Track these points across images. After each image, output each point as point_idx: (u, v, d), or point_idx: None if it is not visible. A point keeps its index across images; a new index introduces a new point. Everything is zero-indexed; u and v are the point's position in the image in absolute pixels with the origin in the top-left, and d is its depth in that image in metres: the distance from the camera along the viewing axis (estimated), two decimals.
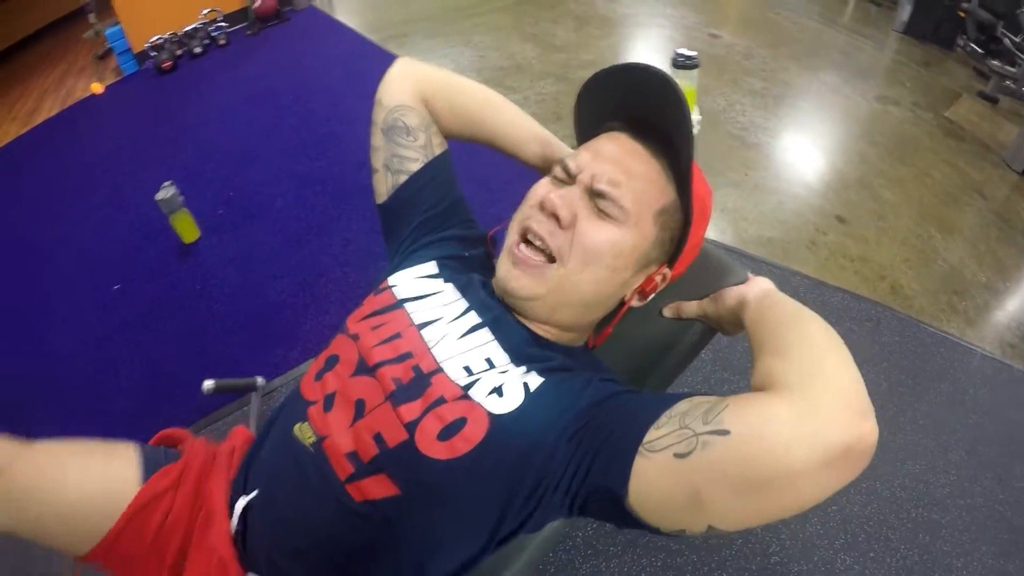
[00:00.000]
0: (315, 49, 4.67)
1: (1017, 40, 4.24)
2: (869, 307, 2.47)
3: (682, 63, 2.68)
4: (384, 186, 1.11)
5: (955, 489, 1.91)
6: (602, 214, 0.87)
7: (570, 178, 0.90)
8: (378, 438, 0.81)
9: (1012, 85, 4.24)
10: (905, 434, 2.04)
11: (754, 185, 3.18)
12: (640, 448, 0.70)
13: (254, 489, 0.90)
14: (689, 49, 2.77)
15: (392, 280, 1.01)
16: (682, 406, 0.72)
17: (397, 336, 0.91)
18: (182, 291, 2.57)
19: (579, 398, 0.81)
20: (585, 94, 1.00)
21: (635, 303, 0.97)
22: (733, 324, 0.98)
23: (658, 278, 0.95)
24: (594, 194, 0.87)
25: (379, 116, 1.11)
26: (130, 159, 3.54)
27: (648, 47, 4.70)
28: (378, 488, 0.79)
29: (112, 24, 4.53)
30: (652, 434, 0.71)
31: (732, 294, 0.98)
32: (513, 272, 0.90)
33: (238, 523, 0.89)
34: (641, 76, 0.88)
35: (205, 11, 4.67)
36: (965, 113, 4.10)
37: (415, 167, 1.09)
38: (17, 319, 2.56)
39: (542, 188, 0.92)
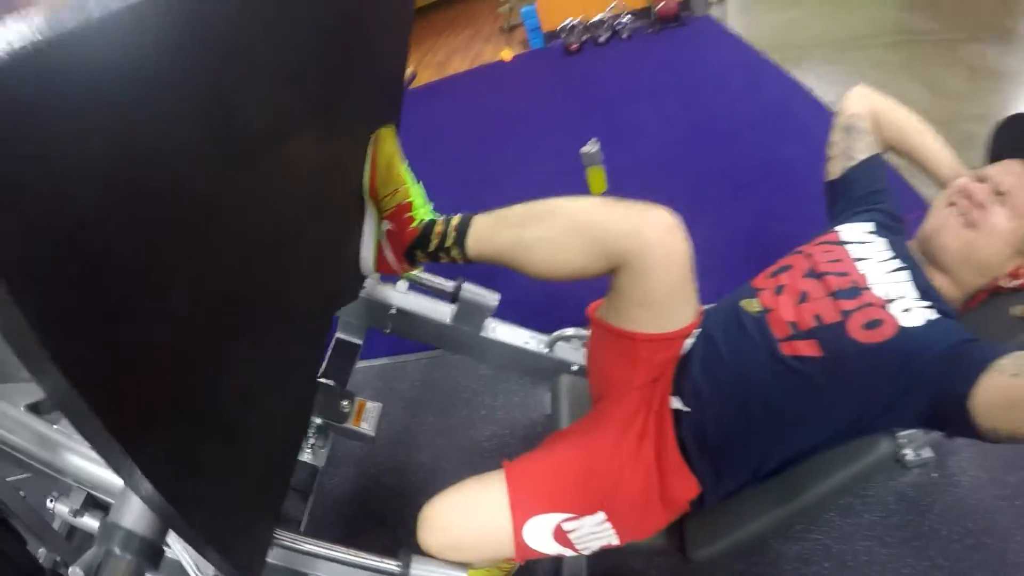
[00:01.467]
0: (712, 54, 4.93)
1: None
2: None
3: None
4: (837, 168, 1.46)
5: None
6: (1001, 203, 1.15)
7: (980, 182, 1.19)
8: (817, 317, 1.10)
9: None
10: None
11: None
12: (988, 367, 0.92)
13: (698, 330, 1.22)
14: None
15: (838, 228, 1.32)
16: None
17: (839, 261, 1.21)
18: None
19: (959, 336, 1.03)
20: (1003, 126, 1.31)
21: (1004, 283, 1.19)
22: None
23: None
24: (997, 193, 1.16)
25: (840, 119, 1.48)
26: (538, 119, 4.07)
27: None
28: (807, 349, 1.08)
29: (527, 3, 5.17)
30: (998, 362, 0.92)
31: None
32: (940, 227, 1.21)
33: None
34: None
35: (613, 4, 5.12)
36: None
37: (863, 156, 1.42)
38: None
39: (962, 181, 1.21)
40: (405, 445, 1.99)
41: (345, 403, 1.29)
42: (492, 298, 1.62)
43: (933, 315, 1.06)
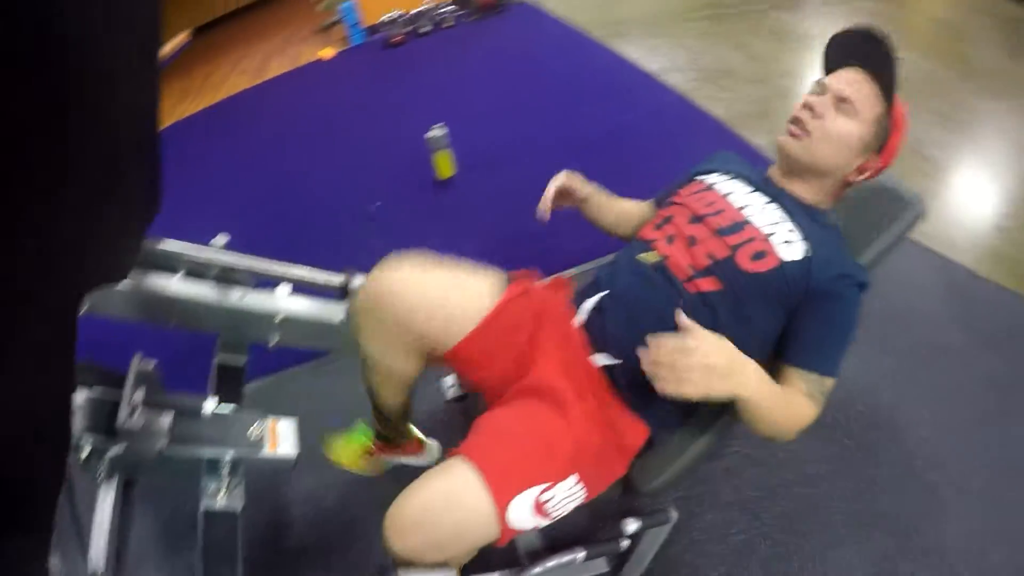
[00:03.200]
0: (535, 37, 5.00)
1: None
2: (1017, 299, 2.61)
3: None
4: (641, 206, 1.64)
5: None
6: (842, 111, 1.28)
7: (822, 90, 1.32)
8: (710, 255, 1.23)
9: None
10: None
11: (923, 189, 3.16)
12: (799, 369, 1.19)
13: (600, 294, 1.28)
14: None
15: (701, 177, 1.44)
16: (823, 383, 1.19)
17: (714, 203, 1.33)
18: (436, 216, 2.91)
19: (828, 272, 1.19)
20: (832, 42, 1.39)
21: (852, 178, 1.35)
22: None
23: (872, 165, 1.34)
24: (839, 100, 1.29)
25: None
26: (371, 113, 3.95)
27: None
28: (708, 284, 1.20)
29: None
30: (803, 372, 1.18)
31: None
32: (788, 140, 1.33)
33: (585, 319, 1.28)
34: (871, 33, 1.29)
35: None
36: None
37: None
38: (274, 224, 2.92)
39: (806, 96, 1.34)
40: (319, 467, 1.85)
41: (254, 428, 1.11)
42: None
43: (806, 246, 1.21)
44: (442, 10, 5.07)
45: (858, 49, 1.32)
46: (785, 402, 1.14)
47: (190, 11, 5.81)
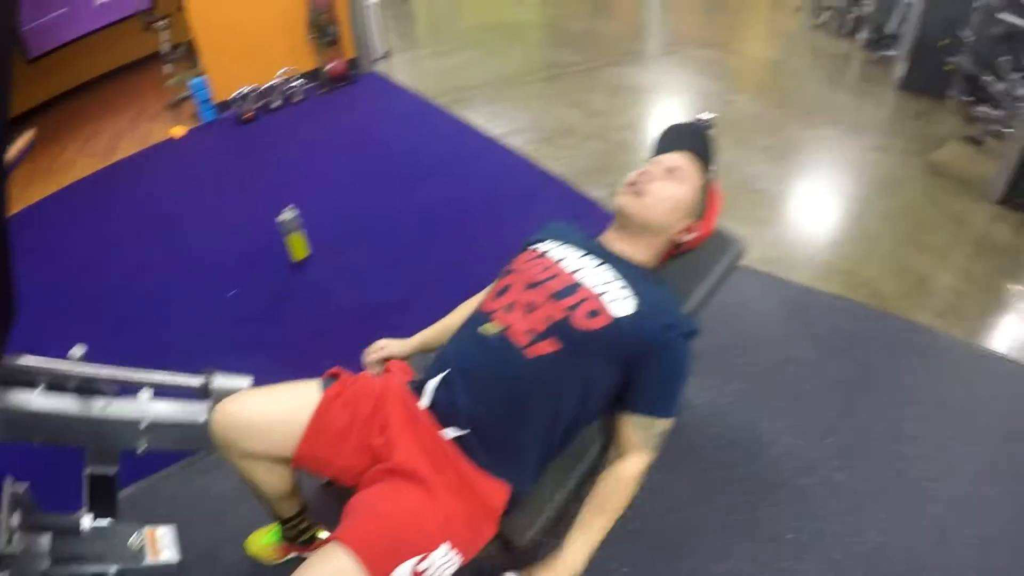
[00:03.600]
0: (384, 108, 5.18)
1: (1001, 87, 4.78)
2: (851, 305, 2.97)
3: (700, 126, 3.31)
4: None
5: (926, 433, 2.33)
6: (672, 177, 1.48)
7: (655, 164, 1.50)
8: (548, 319, 1.32)
9: (997, 127, 4.76)
10: (883, 393, 2.51)
11: (758, 220, 3.66)
12: (633, 415, 1.36)
13: (444, 371, 1.36)
14: (708, 113, 3.30)
15: (534, 246, 1.55)
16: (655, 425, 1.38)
17: (547, 268, 1.44)
18: (294, 297, 2.98)
19: (656, 325, 1.33)
20: (663, 134, 1.62)
21: (680, 238, 1.53)
22: None
23: (693, 228, 1.52)
24: (669, 169, 1.49)
25: None
26: (225, 194, 3.99)
27: (670, 112, 5.26)
28: (548, 347, 1.29)
29: (195, 75, 5.03)
30: (637, 417, 1.36)
31: None
32: (625, 200, 1.49)
33: (429, 400, 1.37)
34: (697, 125, 1.54)
35: (283, 69, 5.17)
36: (950, 156, 4.62)
37: None
38: (131, 315, 2.93)
39: (633, 174, 1.51)
40: (201, 568, 1.85)
41: (133, 538, 1.19)
42: (244, 382, 1.58)
43: (636, 302, 1.34)
44: (292, 84, 5.17)
45: (684, 137, 1.57)
46: (612, 505, 1.34)
47: (36, 87, 5.68)
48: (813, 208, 3.97)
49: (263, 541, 1.83)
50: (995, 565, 1.94)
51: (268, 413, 1.36)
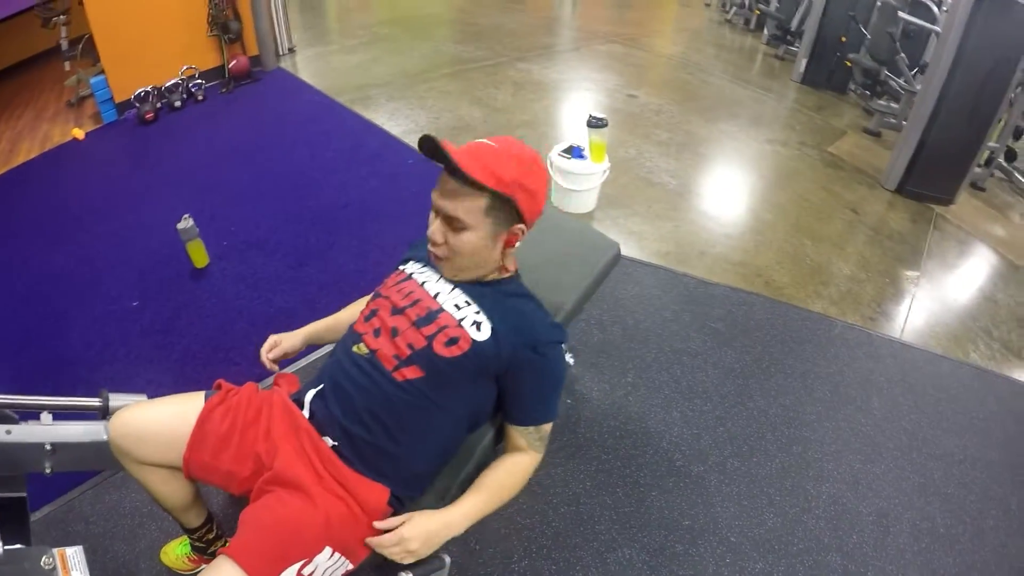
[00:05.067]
0: (287, 106, 5.18)
1: (899, 81, 5.13)
2: (745, 295, 3.18)
3: (594, 123, 3.57)
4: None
5: (821, 416, 2.56)
6: (457, 229, 1.38)
7: (436, 213, 1.41)
8: (410, 346, 1.39)
9: (893, 120, 5.17)
10: (777, 379, 2.71)
11: (655, 215, 3.85)
12: (517, 427, 1.48)
13: (320, 385, 1.46)
14: (605, 110, 3.50)
15: (403, 267, 1.60)
16: (538, 431, 1.48)
17: (411, 293, 1.49)
18: (196, 306, 3.01)
19: (516, 343, 1.39)
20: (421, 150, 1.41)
21: (510, 255, 1.51)
22: None
23: (518, 232, 1.44)
24: (448, 219, 1.37)
25: None
26: (126, 199, 3.95)
27: (572, 108, 5.41)
28: (412, 372, 1.37)
29: (95, 74, 4.93)
30: (520, 428, 1.48)
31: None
32: (439, 265, 1.48)
33: (307, 411, 1.45)
34: (428, 141, 1.33)
35: (184, 67, 5.12)
36: (848, 147, 4.99)
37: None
38: (33, 329, 2.90)
39: (431, 225, 1.42)
40: None
41: (45, 560, 1.17)
42: (139, 399, 1.62)
43: (492, 324, 1.40)
44: (194, 82, 5.13)
45: (434, 158, 1.38)
46: (501, 485, 1.43)
47: None
48: (711, 201, 4.16)
49: (176, 552, 1.88)
50: (892, 540, 2.11)
51: (157, 422, 1.43)
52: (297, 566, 1.22)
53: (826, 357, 2.87)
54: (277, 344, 1.74)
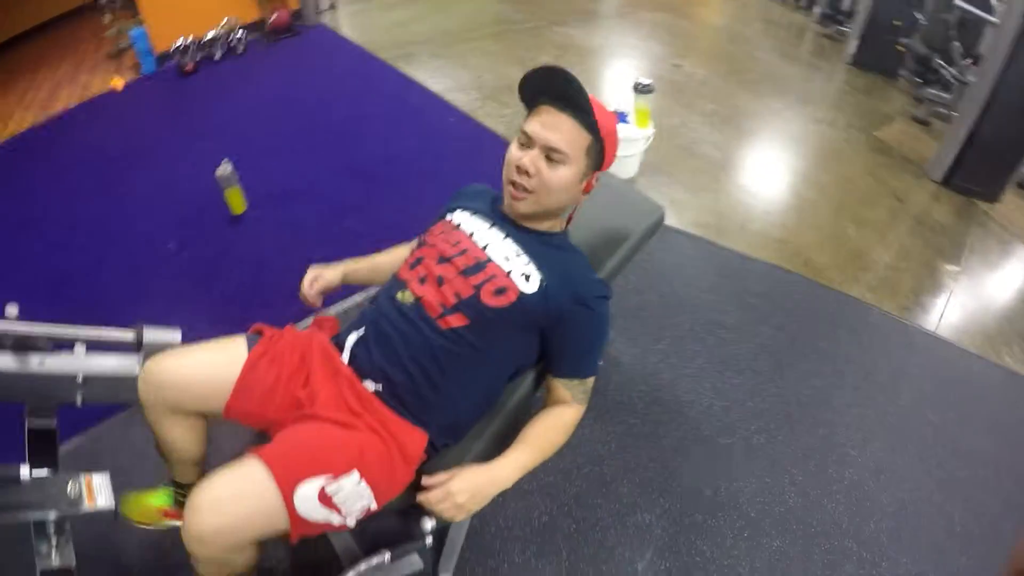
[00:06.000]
0: (328, 61, 5.15)
1: (952, 71, 4.95)
2: (784, 274, 3.14)
3: (641, 89, 3.42)
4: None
5: (850, 401, 2.52)
6: (555, 162, 1.41)
7: (530, 142, 1.42)
8: (457, 295, 1.39)
9: (943, 109, 5.00)
10: (810, 360, 2.67)
11: (697, 185, 3.80)
12: (562, 379, 1.47)
13: (362, 329, 1.45)
14: (650, 77, 3.41)
15: (450, 216, 1.60)
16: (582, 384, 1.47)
17: (459, 243, 1.49)
18: (234, 251, 3.03)
19: (564, 297, 1.40)
20: (525, 81, 1.45)
21: (582, 200, 1.53)
22: None
23: (594, 181, 1.50)
24: (547, 151, 1.40)
25: None
26: (166, 148, 3.95)
27: (616, 73, 5.35)
28: (458, 321, 1.37)
29: (135, 25, 4.91)
30: (565, 381, 1.47)
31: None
32: (514, 203, 1.47)
33: (348, 355, 1.44)
34: (556, 72, 1.38)
35: (225, 20, 5.09)
36: (895, 134, 4.84)
37: None
38: (72, 271, 2.92)
39: (515, 153, 1.44)
40: None
41: (71, 486, 1.24)
42: (174, 335, 1.61)
43: (541, 276, 1.40)
44: (234, 35, 5.09)
45: (549, 89, 1.41)
46: (546, 439, 1.43)
47: None
48: (753, 176, 4.08)
49: (151, 503, 1.72)
50: (909, 533, 2.08)
51: (198, 369, 1.42)
52: (322, 480, 1.22)
53: (860, 343, 2.82)
54: (318, 277, 1.73)
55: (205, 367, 1.43)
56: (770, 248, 3.32)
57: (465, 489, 1.30)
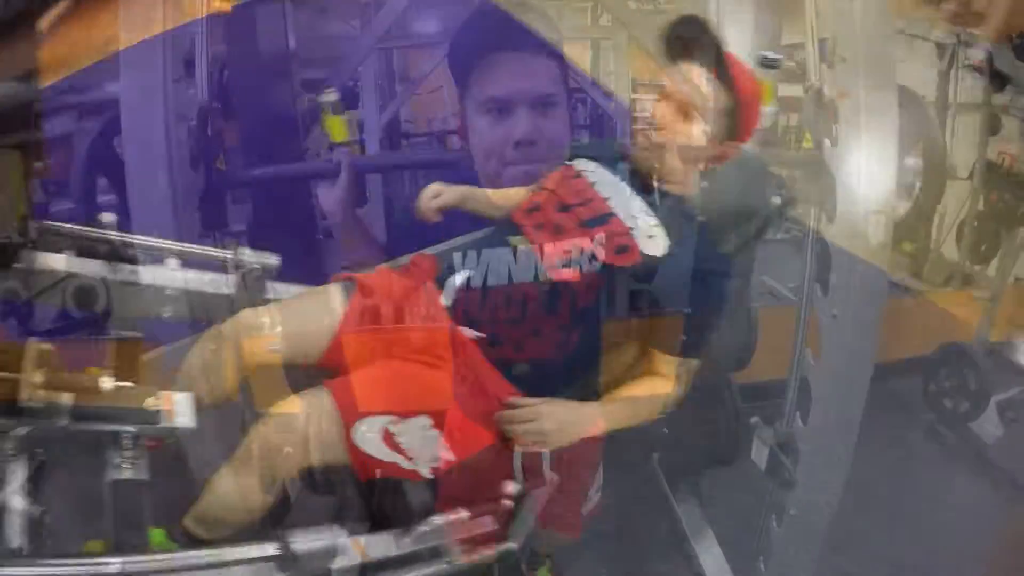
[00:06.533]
0: None
1: None
2: None
3: (767, 64, 3.17)
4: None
5: None
6: (689, 119, 1.38)
7: (664, 95, 1.40)
8: (574, 246, 1.31)
9: None
10: None
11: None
12: (665, 355, 1.38)
13: (468, 270, 1.37)
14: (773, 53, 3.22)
15: (572, 163, 1.52)
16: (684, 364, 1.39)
17: (582, 192, 1.42)
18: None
19: (685, 266, 1.32)
20: (667, 36, 1.44)
21: (714, 164, 1.47)
22: None
23: (728, 149, 1.45)
24: (682, 105, 1.37)
25: None
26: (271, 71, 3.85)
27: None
28: (569, 274, 1.30)
29: None
30: (669, 357, 1.38)
31: None
32: (642, 154, 1.44)
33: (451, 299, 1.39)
34: (698, 25, 1.39)
35: None
36: None
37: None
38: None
39: (655, 109, 1.41)
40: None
41: (151, 401, 1.21)
42: (271, 260, 1.60)
43: (667, 241, 1.33)
44: None
45: (689, 43, 1.39)
46: (639, 403, 1.37)
47: None
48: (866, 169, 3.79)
49: None
50: None
51: (295, 320, 1.38)
52: (387, 419, 1.19)
53: None
54: (439, 194, 1.65)
55: (302, 320, 1.40)
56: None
57: (554, 415, 1.28)
